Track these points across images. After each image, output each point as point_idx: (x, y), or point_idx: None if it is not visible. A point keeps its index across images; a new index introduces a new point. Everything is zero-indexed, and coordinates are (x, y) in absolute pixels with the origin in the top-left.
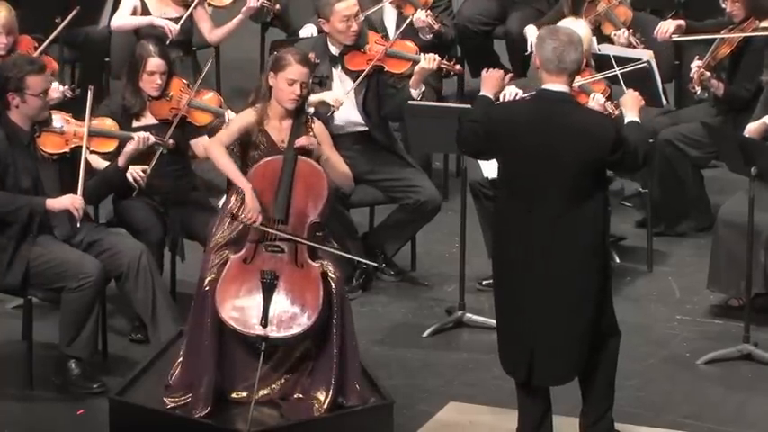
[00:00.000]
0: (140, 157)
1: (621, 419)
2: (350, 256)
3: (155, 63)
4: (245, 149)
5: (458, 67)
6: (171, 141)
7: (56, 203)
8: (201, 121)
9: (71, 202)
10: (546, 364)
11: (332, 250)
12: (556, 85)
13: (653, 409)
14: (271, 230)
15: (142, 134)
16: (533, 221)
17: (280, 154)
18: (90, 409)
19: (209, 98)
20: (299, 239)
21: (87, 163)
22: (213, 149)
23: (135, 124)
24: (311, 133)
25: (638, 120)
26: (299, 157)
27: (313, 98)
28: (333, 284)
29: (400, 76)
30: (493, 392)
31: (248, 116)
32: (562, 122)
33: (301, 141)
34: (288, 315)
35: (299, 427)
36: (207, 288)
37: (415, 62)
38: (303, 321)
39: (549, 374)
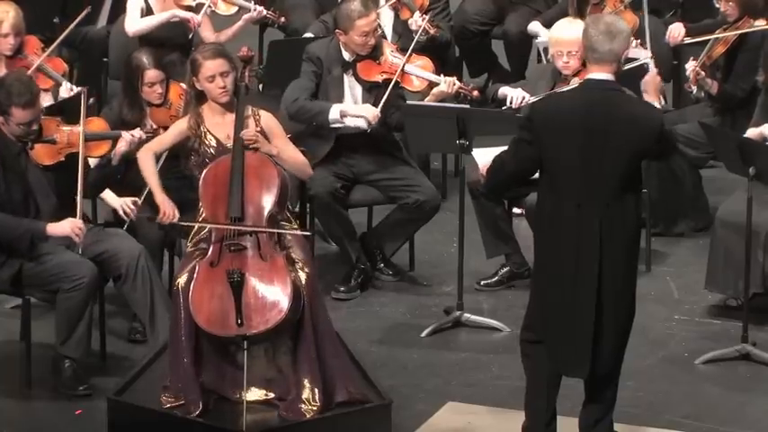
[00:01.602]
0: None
1: (620, 419)
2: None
3: (152, 75)
4: (191, 156)
5: (476, 92)
6: (160, 131)
7: (56, 229)
8: None
9: (71, 227)
10: (604, 354)
11: (288, 232)
12: (600, 74)
13: (651, 410)
14: (215, 225)
15: (136, 132)
16: (583, 215)
17: (228, 153)
18: (88, 409)
19: None
20: (255, 228)
21: (86, 167)
22: (141, 156)
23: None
24: (258, 128)
25: (659, 106)
26: (246, 151)
27: (353, 110)
28: (302, 278)
29: (415, 92)
30: (491, 392)
31: (181, 124)
32: (612, 111)
33: (247, 134)
34: (261, 308)
35: (296, 427)
36: (177, 288)
37: (432, 83)
38: (278, 310)
39: (609, 361)
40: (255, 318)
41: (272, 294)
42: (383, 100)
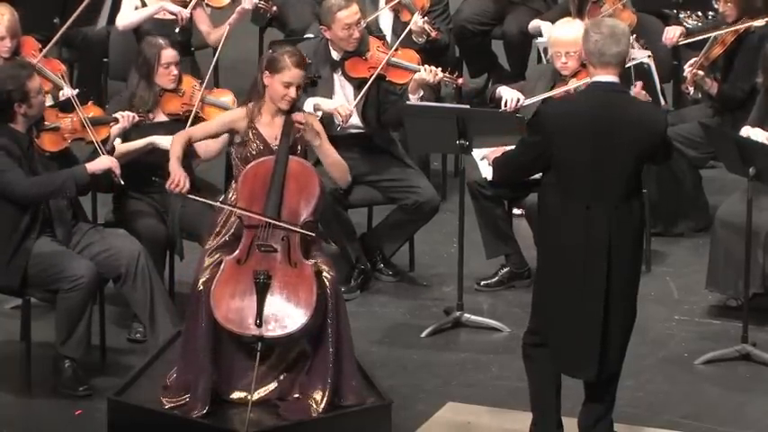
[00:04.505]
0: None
1: (619, 420)
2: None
3: (169, 54)
4: (236, 145)
5: (460, 80)
6: (152, 116)
7: (96, 165)
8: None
9: (109, 160)
10: (610, 355)
11: (322, 241)
12: (605, 77)
13: (651, 410)
14: (250, 213)
15: (127, 113)
16: (592, 217)
17: (272, 154)
18: (88, 410)
19: (223, 95)
20: (286, 225)
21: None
22: (174, 139)
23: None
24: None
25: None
26: (290, 156)
27: (325, 106)
28: (327, 284)
29: (401, 85)
30: (491, 393)
31: (236, 114)
32: (618, 113)
33: (297, 116)
34: (282, 314)
35: (296, 427)
36: (201, 289)
37: (416, 72)
38: (298, 320)
39: (614, 362)
40: (274, 322)
41: (295, 302)
42: (362, 92)
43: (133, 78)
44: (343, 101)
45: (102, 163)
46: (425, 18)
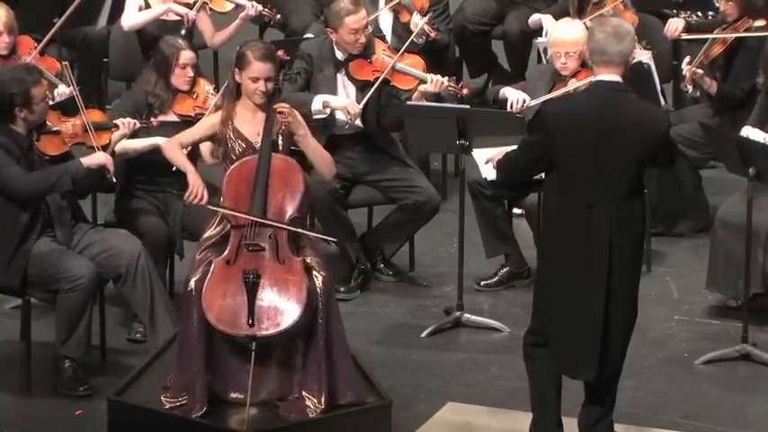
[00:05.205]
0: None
1: (619, 420)
2: (328, 238)
3: (187, 56)
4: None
5: (465, 90)
6: (154, 122)
7: (92, 160)
8: None
9: (104, 156)
10: (611, 355)
11: (305, 232)
12: (608, 76)
13: (651, 410)
14: (237, 213)
15: (127, 120)
16: (593, 216)
17: (255, 152)
18: (88, 410)
19: None
20: (272, 223)
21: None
22: (167, 148)
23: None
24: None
25: None
26: (273, 154)
27: (334, 104)
28: (318, 282)
29: (406, 91)
30: (491, 393)
31: (215, 118)
32: (621, 113)
33: (282, 106)
34: (274, 311)
35: (296, 427)
36: (191, 288)
37: (422, 80)
38: (290, 316)
39: (615, 363)
40: (266, 320)
41: (286, 299)
42: (367, 96)
43: (150, 77)
44: (346, 100)
45: (97, 158)
46: (425, 18)
